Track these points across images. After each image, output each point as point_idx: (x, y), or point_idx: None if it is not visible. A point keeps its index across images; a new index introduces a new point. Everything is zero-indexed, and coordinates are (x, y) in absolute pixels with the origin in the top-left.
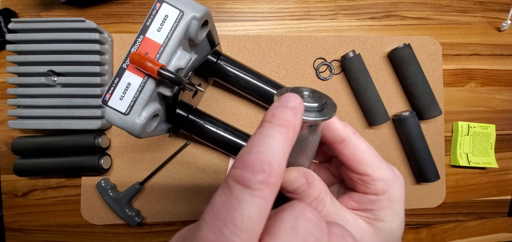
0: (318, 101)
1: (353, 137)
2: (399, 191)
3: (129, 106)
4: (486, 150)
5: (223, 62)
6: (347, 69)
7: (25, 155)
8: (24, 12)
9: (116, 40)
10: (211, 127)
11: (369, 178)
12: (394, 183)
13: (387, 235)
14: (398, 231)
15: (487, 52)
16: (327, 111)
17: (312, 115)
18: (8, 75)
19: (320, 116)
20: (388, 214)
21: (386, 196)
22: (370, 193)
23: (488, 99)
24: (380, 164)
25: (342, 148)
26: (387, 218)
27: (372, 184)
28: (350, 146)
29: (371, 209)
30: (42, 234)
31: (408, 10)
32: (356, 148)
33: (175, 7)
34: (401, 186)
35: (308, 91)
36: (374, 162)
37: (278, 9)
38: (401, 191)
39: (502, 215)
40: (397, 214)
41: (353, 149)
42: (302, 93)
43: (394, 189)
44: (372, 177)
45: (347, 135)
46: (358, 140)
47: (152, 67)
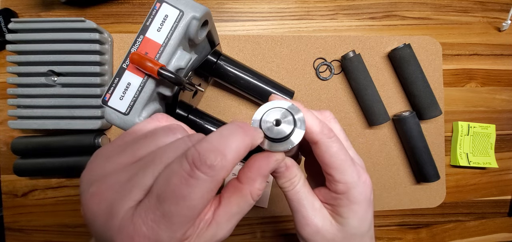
0: (282, 133)
1: (326, 141)
2: (359, 195)
3: (129, 106)
4: (486, 150)
5: (223, 62)
6: (347, 69)
7: (25, 155)
8: (24, 12)
9: (116, 40)
10: (211, 127)
11: (332, 178)
12: (354, 187)
13: (346, 229)
14: (358, 228)
15: (487, 52)
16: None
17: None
18: (8, 75)
19: (281, 147)
20: (346, 212)
21: (345, 196)
22: (333, 191)
23: (488, 99)
24: (345, 168)
25: (315, 148)
26: (345, 215)
27: (334, 184)
28: (322, 149)
29: (333, 204)
30: (42, 234)
31: (408, 10)
32: (325, 151)
33: (175, 7)
34: (363, 191)
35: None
36: (339, 166)
37: (278, 9)
38: (362, 195)
39: (502, 215)
40: (356, 214)
41: (324, 152)
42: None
43: (353, 192)
44: (334, 179)
45: (320, 138)
46: (330, 143)
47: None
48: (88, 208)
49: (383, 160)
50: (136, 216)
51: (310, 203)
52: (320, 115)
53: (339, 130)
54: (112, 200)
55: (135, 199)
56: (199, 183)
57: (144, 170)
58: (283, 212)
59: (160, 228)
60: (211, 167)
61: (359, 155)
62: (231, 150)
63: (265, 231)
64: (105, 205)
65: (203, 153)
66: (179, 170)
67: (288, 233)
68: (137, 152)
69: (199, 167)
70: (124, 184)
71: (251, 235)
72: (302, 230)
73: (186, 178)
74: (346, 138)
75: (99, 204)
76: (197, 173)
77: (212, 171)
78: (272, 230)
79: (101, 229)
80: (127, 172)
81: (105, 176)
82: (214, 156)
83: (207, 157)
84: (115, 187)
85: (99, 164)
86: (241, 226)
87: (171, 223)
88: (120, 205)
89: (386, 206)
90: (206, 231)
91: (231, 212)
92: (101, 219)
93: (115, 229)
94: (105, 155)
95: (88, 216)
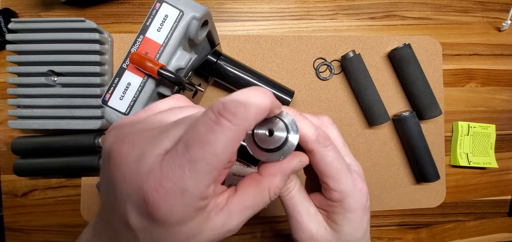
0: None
1: (320, 149)
2: (355, 203)
3: (129, 106)
4: (486, 150)
5: (223, 62)
6: (347, 69)
7: (25, 155)
8: (24, 12)
9: (116, 40)
10: None
11: (327, 186)
12: (350, 195)
13: (340, 236)
14: (352, 235)
15: (487, 52)
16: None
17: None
18: (8, 75)
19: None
20: (340, 219)
21: (340, 204)
22: (328, 198)
23: (488, 99)
24: (341, 177)
25: (310, 156)
26: (339, 222)
27: (329, 192)
28: (317, 158)
29: (328, 211)
30: (42, 234)
31: (408, 10)
32: (321, 160)
33: (175, 7)
34: (358, 200)
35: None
36: (334, 175)
37: (278, 9)
38: (357, 204)
39: (502, 215)
40: (351, 221)
41: (319, 161)
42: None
43: (349, 200)
44: (330, 187)
45: (315, 147)
46: (325, 152)
47: (152, 67)
48: (119, 153)
49: (383, 160)
50: (165, 162)
51: (305, 209)
52: (317, 121)
53: (337, 135)
54: (143, 147)
55: (165, 147)
56: (223, 130)
57: (174, 125)
58: (283, 212)
59: (185, 173)
60: (235, 114)
61: (359, 155)
62: (252, 104)
63: (265, 231)
64: (137, 151)
65: (227, 104)
66: (205, 119)
67: (288, 233)
68: (165, 119)
69: (223, 115)
70: (155, 136)
71: (251, 235)
72: (297, 235)
73: (212, 125)
74: (345, 143)
75: (131, 149)
76: (221, 120)
77: (235, 119)
78: (272, 230)
79: (127, 173)
80: (157, 129)
81: (137, 130)
82: (237, 105)
83: (231, 106)
84: (147, 137)
85: (128, 124)
86: None
87: (196, 170)
88: (151, 151)
89: (386, 206)
90: (216, 215)
91: (245, 203)
92: (130, 163)
93: (144, 173)
94: (131, 120)
95: (117, 160)
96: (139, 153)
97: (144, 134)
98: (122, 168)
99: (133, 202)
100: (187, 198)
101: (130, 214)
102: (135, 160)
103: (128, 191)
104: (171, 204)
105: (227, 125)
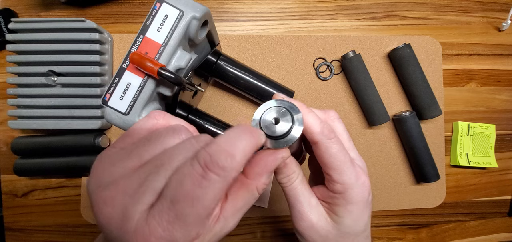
0: (281, 131)
1: (325, 141)
2: (356, 196)
3: (129, 106)
4: (486, 150)
5: (223, 62)
6: (347, 69)
7: (25, 155)
8: (24, 12)
9: (116, 40)
10: (211, 127)
11: (330, 178)
12: (352, 188)
13: (341, 228)
14: (352, 227)
15: (487, 52)
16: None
17: (274, 144)
18: (8, 75)
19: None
20: (341, 211)
21: (342, 196)
22: (330, 190)
23: (488, 99)
24: (344, 169)
25: (315, 148)
26: (340, 214)
27: (332, 183)
28: (321, 149)
29: (329, 203)
30: (42, 234)
31: (408, 10)
32: (325, 152)
33: (175, 7)
34: (360, 193)
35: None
36: (338, 167)
37: (278, 9)
38: (359, 196)
39: (502, 215)
40: (351, 213)
41: (323, 152)
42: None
43: (350, 192)
44: (332, 178)
45: (319, 139)
46: (330, 144)
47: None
48: (102, 213)
49: (383, 160)
50: (151, 218)
51: (306, 199)
52: (324, 115)
53: (342, 130)
54: (125, 204)
55: (148, 202)
56: (211, 184)
57: (154, 174)
58: (283, 212)
59: (175, 228)
60: (223, 168)
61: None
62: (239, 151)
63: (265, 231)
64: (119, 210)
65: (214, 155)
66: (192, 172)
67: (288, 233)
68: (143, 156)
69: (211, 169)
70: (136, 188)
71: (251, 235)
72: (297, 224)
73: (199, 179)
74: (350, 138)
75: (112, 208)
76: (209, 175)
77: (224, 172)
78: (272, 230)
79: (116, 232)
80: (137, 176)
81: (115, 180)
82: (224, 158)
83: (219, 158)
84: (127, 191)
85: (106, 169)
86: (241, 226)
87: (185, 224)
88: (134, 208)
89: (386, 206)
90: (214, 226)
91: (238, 206)
92: (116, 223)
93: (130, 232)
94: (110, 160)
95: (102, 221)
96: (122, 210)
97: (124, 185)
98: (109, 228)
99: None
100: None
101: None
102: (120, 220)
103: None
104: None
105: (215, 178)
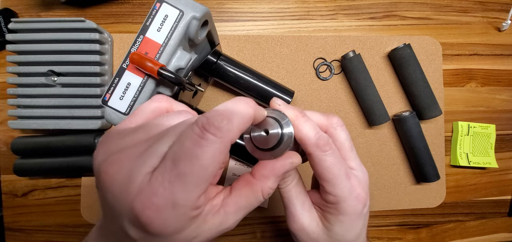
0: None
1: (318, 154)
2: (348, 208)
3: (129, 106)
4: (486, 150)
5: (223, 62)
6: (347, 69)
7: (25, 155)
8: (24, 12)
9: (116, 40)
10: None
11: (323, 189)
12: (344, 200)
13: (331, 234)
14: (343, 236)
15: (487, 52)
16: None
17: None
18: (8, 75)
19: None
20: (332, 219)
21: (334, 206)
22: (323, 198)
23: (488, 99)
24: (337, 183)
25: (310, 158)
26: (331, 222)
27: (325, 194)
28: (315, 161)
29: (322, 210)
30: (42, 234)
31: (408, 10)
32: (318, 164)
33: (175, 7)
34: (353, 206)
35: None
36: (331, 179)
37: (278, 9)
38: (351, 209)
39: (502, 215)
40: (342, 224)
41: (317, 164)
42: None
43: (343, 205)
44: (325, 190)
45: (313, 151)
46: (324, 157)
47: (152, 67)
48: (107, 174)
49: (383, 160)
50: (153, 179)
51: (299, 202)
52: (326, 121)
53: (345, 138)
54: (130, 167)
55: (152, 165)
56: (209, 143)
57: (159, 140)
58: (283, 212)
59: (175, 188)
60: (219, 128)
61: (359, 155)
62: (235, 115)
63: (265, 231)
64: (124, 172)
65: (211, 118)
66: (191, 134)
67: (288, 233)
68: (150, 131)
69: (208, 129)
70: (142, 154)
71: (251, 235)
72: (290, 225)
73: (197, 139)
74: (352, 147)
75: (118, 170)
76: (206, 134)
77: (220, 132)
78: (272, 230)
79: (118, 194)
80: (143, 145)
81: (123, 148)
82: (220, 119)
83: (215, 120)
84: (133, 156)
85: (113, 141)
86: (241, 226)
87: (185, 183)
88: (139, 171)
89: (386, 206)
90: (213, 217)
91: (240, 204)
92: (119, 184)
93: (133, 193)
94: (119, 134)
95: (106, 182)
96: (128, 172)
97: (131, 151)
98: (112, 189)
99: (128, 219)
100: (179, 210)
101: (128, 227)
102: (124, 180)
103: (122, 210)
104: (163, 218)
105: (212, 138)
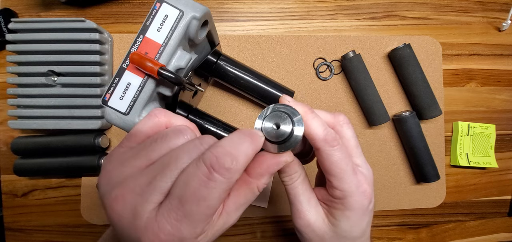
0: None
1: (327, 149)
2: (355, 203)
3: (129, 106)
4: (486, 150)
5: (223, 62)
6: (347, 69)
7: (25, 155)
8: (24, 12)
9: (116, 40)
10: (211, 127)
11: (330, 184)
12: (351, 195)
13: (337, 230)
14: (349, 232)
15: (487, 52)
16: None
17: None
18: (8, 75)
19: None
20: (339, 215)
21: (340, 202)
22: (330, 194)
23: (488, 99)
24: (344, 177)
25: (317, 154)
26: (337, 218)
27: (332, 189)
28: (323, 156)
29: (329, 206)
30: (42, 234)
31: (408, 10)
32: (326, 159)
33: (175, 7)
34: (359, 201)
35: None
36: (338, 174)
37: (278, 9)
38: (357, 204)
39: (502, 215)
40: (348, 219)
41: (324, 159)
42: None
43: (349, 200)
44: (332, 184)
45: (321, 146)
46: (332, 151)
47: (152, 67)
48: (113, 211)
49: (383, 160)
50: (160, 216)
51: (306, 199)
52: (332, 119)
53: (350, 136)
54: (135, 202)
55: (156, 201)
56: (217, 184)
57: (161, 174)
58: (283, 212)
59: (182, 226)
60: (229, 169)
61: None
62: (242, 154)
63: (265, 231)
64: (129, 208)
65: (220, 157)
66: (198, 173)
67: (288, 233)
68: (150, 155)
69: (217, 170)
70: (145, 188)
71: (251, 235)
72: (296, 221)
73: (205, 180)
74: (357, 144)
75: (123, 207)
76: (215, 175)
77: (228, 173)
78: (272, 230)
79: (127, 229)
80: (145, 175)
81: (125, 179)
82: (230, 160)
83: (225, 161)
84: (136, 190)
85: (115, 168)
86: (241, 226)
87: (192, 221)
88: (144, 207)
89: (386, 206)
90: (217, 221)
91: (239, 202)
92: (127, 220)
93: (141, 229)
94: (119, 159)
95: (114, 218)
96: (132, 209)
97: (133, 185)
98: (121, 224)
99: None
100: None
101: None
102: (130, 217)
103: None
104: None
105: (220, 179)
